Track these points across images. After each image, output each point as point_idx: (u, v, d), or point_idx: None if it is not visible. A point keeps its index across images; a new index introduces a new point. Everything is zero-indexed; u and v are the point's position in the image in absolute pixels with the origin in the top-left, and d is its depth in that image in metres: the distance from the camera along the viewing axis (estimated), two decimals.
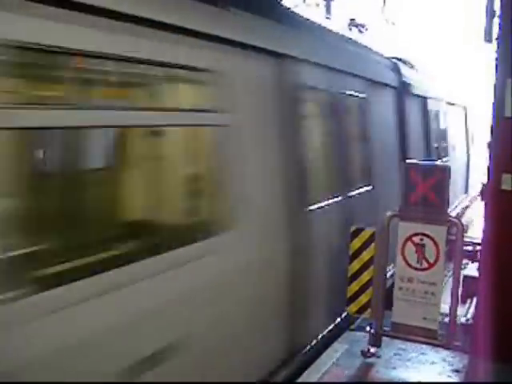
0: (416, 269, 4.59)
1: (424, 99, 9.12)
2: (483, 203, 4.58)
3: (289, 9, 5.78)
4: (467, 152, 13.18)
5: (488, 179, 4.39)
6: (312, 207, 4.74)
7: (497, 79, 4.26)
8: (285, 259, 4.22)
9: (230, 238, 3.57)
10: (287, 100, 4.39)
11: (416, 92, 8.55)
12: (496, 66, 4.28)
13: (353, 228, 4.80)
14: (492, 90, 4.31)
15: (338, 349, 4.90)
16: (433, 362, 4.74)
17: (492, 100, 4.31)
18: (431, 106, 9.43)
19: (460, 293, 5.01)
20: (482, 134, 11.42)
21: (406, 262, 4.62)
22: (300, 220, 4.47)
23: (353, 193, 5.73)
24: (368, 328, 4.82)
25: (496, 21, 4.45)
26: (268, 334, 4.13)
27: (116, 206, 3.09)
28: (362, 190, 5.99)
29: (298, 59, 4.55)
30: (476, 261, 6.62)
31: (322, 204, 4.97)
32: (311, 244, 4.67)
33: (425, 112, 9.14)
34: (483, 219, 4.45)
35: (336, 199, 5.29)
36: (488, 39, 4.60)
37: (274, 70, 4.24)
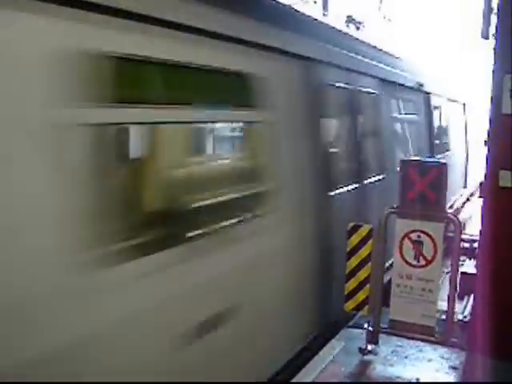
0: (413, 266, 4.59)
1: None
2: (481, 200, 4.56)
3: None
4: (466, 147, 13.83)
5: (486, 176, 4.37)
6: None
7: (494, 76, 4.25)
8: None
9: None
10: None
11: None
12: (494, 62, 4.26)
13: (351, 225, 4.79)
14: (490, 87, 4.29)
15: (335, 346, 4.89)
16: (430, 359, 4.74)
17: (490, 97, 4.29)
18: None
19: (457, 290, 5.01)
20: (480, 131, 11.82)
21: (404, 259, 4.62)
22: None
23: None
24: (365, 325, 4.81)
25: (493, 17, 4.43)
26: None
27: None
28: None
29: None
30: (474, 257, 6.63)
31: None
32: None
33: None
34: (481, 216, 4.44)
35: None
36: (485, 35, 4.58)
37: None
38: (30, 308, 2.29)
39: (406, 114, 8.60)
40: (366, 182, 6.29)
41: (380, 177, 6.74)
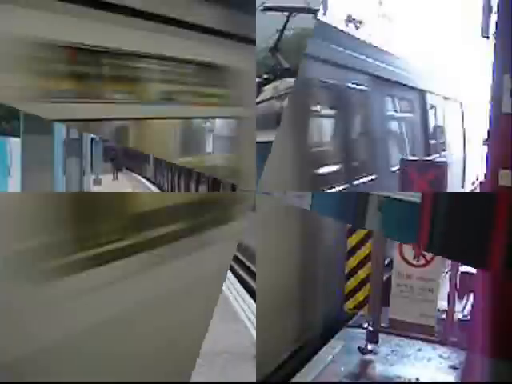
0: (413, 265, 4.59)
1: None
2: None
3: None
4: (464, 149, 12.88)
5: (486, 175, 4.37)
6: None
7: (494, 75, 4.25)
8: None
9: None
10: None
11: None
12: (494, 62, 4.26)
13: (350, 225, 4.79)
14: (490, 86, 4.29)
15: (335, 345, 4.89)
16: (430, 359, 4.74)
17: (490, 96, 4.29)
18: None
19: (457, 289, 5.00)
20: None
21: (404, 258, 4.62)
22: None
23: None
24: (365, 325, 4.81)
25: (493, 16, 4.43)
26: None
27: None
28: None
29: None
30: None
31: None
32: None
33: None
34: None
35: None
36: (485, 35, 4.58)
37: None
38: None
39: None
40: None
41: None
